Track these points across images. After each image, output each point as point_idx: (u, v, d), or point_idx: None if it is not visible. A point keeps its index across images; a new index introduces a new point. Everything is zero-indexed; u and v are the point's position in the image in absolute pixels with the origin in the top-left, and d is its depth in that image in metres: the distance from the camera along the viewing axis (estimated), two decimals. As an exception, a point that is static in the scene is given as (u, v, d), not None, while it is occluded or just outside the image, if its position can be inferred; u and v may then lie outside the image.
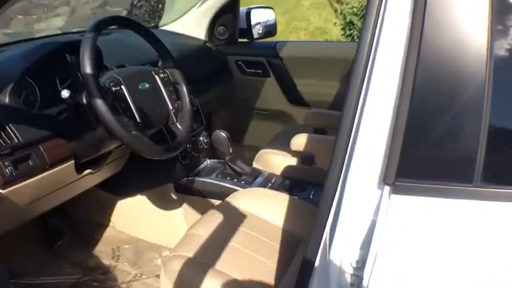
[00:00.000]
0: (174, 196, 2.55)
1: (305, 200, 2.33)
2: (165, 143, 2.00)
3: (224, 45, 3.47)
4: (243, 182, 2.49)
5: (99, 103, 1.71)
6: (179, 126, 2.11)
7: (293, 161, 2.68)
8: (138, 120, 1.88)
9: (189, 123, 2.13)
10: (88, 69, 1.71)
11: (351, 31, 10.76)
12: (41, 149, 1.83)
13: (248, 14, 3.48)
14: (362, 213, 1.15)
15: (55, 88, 1.92)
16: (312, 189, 2.51)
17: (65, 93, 1.79)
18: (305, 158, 2.50)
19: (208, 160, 2.75)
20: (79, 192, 2.24)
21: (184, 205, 2.54)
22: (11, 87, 1.77)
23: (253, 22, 3.51)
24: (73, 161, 2.00)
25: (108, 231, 2.74)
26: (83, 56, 1.72)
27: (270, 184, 2.53)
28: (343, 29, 10.86)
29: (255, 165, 2.77)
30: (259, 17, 3.59)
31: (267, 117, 3.56)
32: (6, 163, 1.71)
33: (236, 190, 2.38)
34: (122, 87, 1.87)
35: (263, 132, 3.54)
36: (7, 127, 1.73)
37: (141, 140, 1.83)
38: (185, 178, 2.55)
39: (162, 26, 3.51)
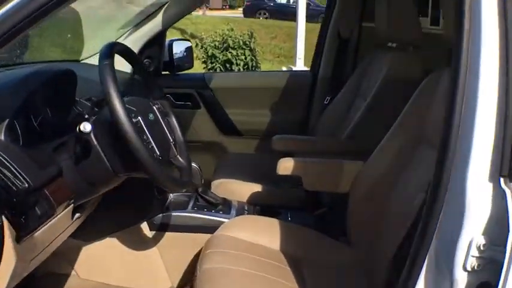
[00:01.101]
0: (149, 234, 2.43)
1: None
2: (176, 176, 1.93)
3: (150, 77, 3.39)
4: (221, 212, 2.45)
5: (131, 133, 1.61)
6: (181, 159, 2.04)
7: (255, 187, 2.71)
8: (158, 153, 1.80)
9: (187, 154, 2.08)
10: (115, 99, 1.61)
11: (213, 64, 11.00)
12: (47, 192, 1.65)
13: (170, 46, 3.47)
14: (480, 207, 1.20)
15: (48, 121, 1.79)
16: (286, 213, 2.54)
17: (87, 127, 1.67)
18: (292, 181, 2.52)
19: (170, 194, 2.66)
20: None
21: (161, 242, 2.43)
22: (6, 124, 1.60)
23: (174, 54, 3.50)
24: (72, 204, 1.85)
25: (70, 282, 2.52)
26: (108, 85, 1.62)
27: (246, 212, 2.52)
28: (204, 62, 11.04)
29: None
30: (179, 49, 3.57)
31: (199, 149, 3.52)
32: (20, 212, 1.53)
33: (218, 221, 2.36)
34: (139, 118, 1.78)
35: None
36: (13, 169, 1.55)
37: (167, 172, 1.75)
38: (160, 214, 2.44)
39: (83, 59, 3.35)
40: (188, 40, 3.78)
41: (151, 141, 1.80)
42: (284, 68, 11.95)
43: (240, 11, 26.90)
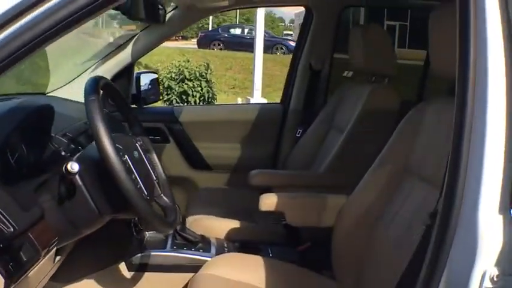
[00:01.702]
0: (127, 275, 2.33)
1: (269, 259, 2.33)
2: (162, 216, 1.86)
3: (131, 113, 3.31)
4: (201, 251, 2.36)
5: (122, 173, 1.54)
6: (165, 198, 1.97)
7: (232, 224, 2.64)
8: (145, 192, 1.73)
9: (171, 192, 2.01)
10: (105, 136, 1.54)
11: (169, 96, 10.89)
12: (31, 236, 1.56)
13: (138, 78, 3.39)
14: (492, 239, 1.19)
15: (25, 159, 1.70)
16: (267, 249, 2.47)
17: (74, 166, 1.58)
18: (270, 216, 2.47)
19: (146, 232, 2.57)
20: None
21: (140, 283, 2.33)
22: None
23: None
24: (55, 247, 1.76)
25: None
26: (96, 122, 1.55)
27: (226, 249, 2.43)
28: (160, 94, 10.89)
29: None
30: (145, 82, 3.50)
31: None
32: (7, 258, 1.43)
33: (199, 260, 2.28)
34: (126, 156, 1.71)
35: None
36: None
37: (156, 211, 1.68)
38: (139, 254, 2.34)
39: (49, 91, 3.26)
40: (154, 72, 3.71)
41: (139, 181, 1.73)
42: (240, 99, 12.00)
43: (194, 41, 26.97)
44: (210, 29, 30.31)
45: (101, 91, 1.81)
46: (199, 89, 11.27)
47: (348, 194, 2.16)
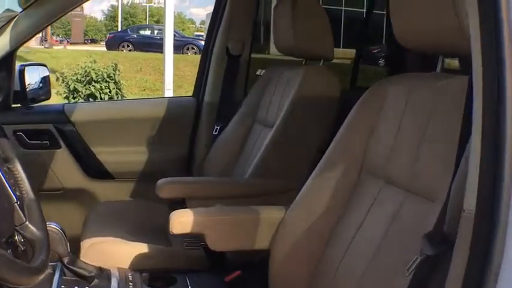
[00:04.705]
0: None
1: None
2: (24, 257, 1.31)
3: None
4: (97, 289, 1.86)
5: None
6: (32, 227, 1.41)
7: (139, 247, 2.15)
8: None
9: (41, 217, 1.46)
10: None
11: (76, 99, 10.65)
12: None
13: (22, 72, 2.85)
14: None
15: None
16: (184, 278, 2.02)
17: None
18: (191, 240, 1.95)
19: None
20: None
21: None
22: None
23: (27, 82, 2.89)
24: None
25: None
26: None
27: (131, 284, 1.95)
28: (66, 97, 10.61)
29: (86, 261, 2.11)
30: (33, 77, 2.97)
31: (60, 199, 2.92)
32: None
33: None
34: None
35: (59, 218, 2.84)
36: None
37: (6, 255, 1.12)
38: None
39: None
40: (43, 65, 3.12)
41: None
42: None
43: (103, 44, 26.63)
44: (119, 30, 29.75)
45: None
46: (107, 90, 11.01)
47: (286, 206, 1.75)
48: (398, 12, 1.40)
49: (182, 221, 1.79)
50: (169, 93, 10.95)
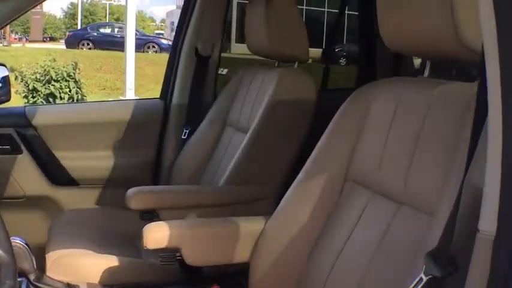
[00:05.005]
0: None
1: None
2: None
3: None
4: (65, 307, 1.75)
5: None
6: None
7: (109, 260, 2.03)
8: None
9: (5, 236, 1.36)
10: None
11: (35, 98, 10.55)
12: None
13: None
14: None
15: None
16: None
17: None
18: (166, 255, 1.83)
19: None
20: None
21: None
22: None
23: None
24: None
25: None
26: None
27: None
28: (25, 96, 10.40)
29: (53, 276, 2.02)
30: None
31: (23, 208, 2.77)
32: None
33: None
34: None
35: (22, 227, 2.70)
36: None
37: None
38: None
39: None
40: (3, 65, 2.97)
41: None
42: None
43: (62, 42, 26.20)
44: (79, 28, 29.28)
45: None
46: (67, 90, 10.78)
47: (266, 216, 1.66)
48: (387, 16, 1.33)
49: (157, 236, 1.69)
50: (130, 93, 10.78)
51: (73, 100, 10.66)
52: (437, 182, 1.14)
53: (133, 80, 11.17)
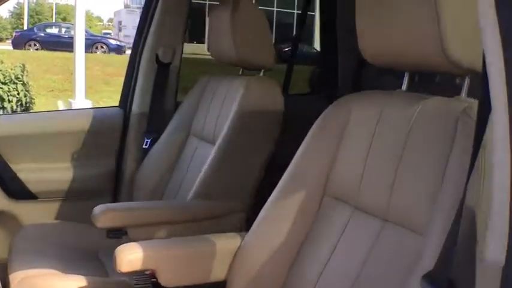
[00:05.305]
0: None
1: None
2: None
3: None
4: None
5: None
6: None
7: (76, 280, 1.91)
8: None
9: None
10: None
11: None
12: None
13: None
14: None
15: None
16: None
17: None
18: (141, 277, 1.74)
19: None
20: None
21: None
22: None
23: None
24: None
25: None
26: None
27: None
28: None
29: None
30: None
31: None
32: None
33: None
34: None
35: None
36: None
37: None
38: None
39: None
40: None
41: None
42: (61, 102, 11.24)
43: (8, 43, 25.46)
44: (26, 28, 28.56)
45: None
46: (15, 93, 10.39)
47: (242, 233, 1.62)
48: (367, 28, 1.29)
49: (131, 258, 1.60)
50: (80, 95, 10.55)
51: (21, 103, 10.39)
52: (425, 200, 1.11)
53: (84, 81, 10.94)
